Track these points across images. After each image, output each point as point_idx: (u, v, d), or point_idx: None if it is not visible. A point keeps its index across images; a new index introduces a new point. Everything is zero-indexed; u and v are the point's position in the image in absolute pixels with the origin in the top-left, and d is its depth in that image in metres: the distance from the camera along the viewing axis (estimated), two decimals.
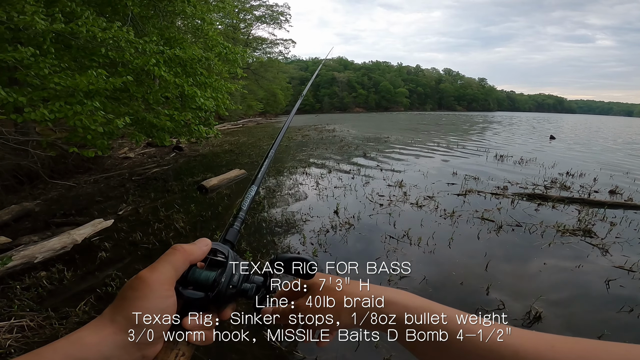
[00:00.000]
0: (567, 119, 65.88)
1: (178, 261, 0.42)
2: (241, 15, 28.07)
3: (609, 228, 4.54)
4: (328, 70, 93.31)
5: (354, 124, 28.21)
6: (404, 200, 5.62)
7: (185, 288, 0.42)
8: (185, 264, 0.43)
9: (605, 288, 3.18)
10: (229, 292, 0.44)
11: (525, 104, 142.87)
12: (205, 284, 0.43)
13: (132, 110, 5.26)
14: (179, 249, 0.43)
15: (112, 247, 3.90)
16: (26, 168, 6.02)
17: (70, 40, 4.03)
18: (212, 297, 0.43)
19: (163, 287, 0.39)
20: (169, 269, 0.40)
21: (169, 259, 0.41)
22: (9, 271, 3.22)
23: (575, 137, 20.11)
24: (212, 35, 6.35)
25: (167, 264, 0.41)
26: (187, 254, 0.43)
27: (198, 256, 0.44)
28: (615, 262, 3.65)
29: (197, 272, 0.44)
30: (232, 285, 0.44)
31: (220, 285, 0.43)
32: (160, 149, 11.67)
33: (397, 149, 12.03)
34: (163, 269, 0.40)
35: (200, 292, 0.43)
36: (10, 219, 4.71)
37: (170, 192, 6.26)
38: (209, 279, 0.43)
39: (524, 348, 0.35)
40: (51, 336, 2.44)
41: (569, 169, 8.23)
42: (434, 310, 0.41)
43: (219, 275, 0.44)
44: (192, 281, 0.43)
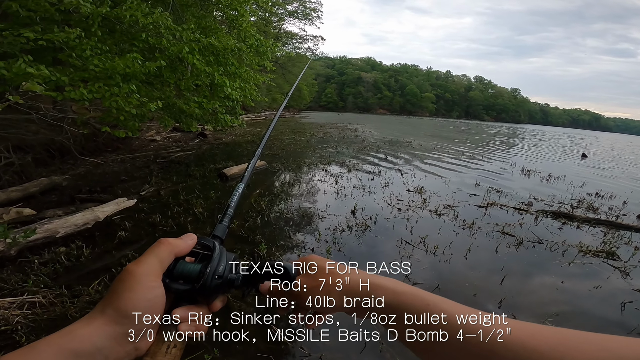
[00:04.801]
0: (602, 137, 62.92)
1: (163, 253, 0.43)
2: (274, 9, 28.28)
3: (632, 252, 4.40)
4: (355, 70, 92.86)
5: (377, 126, 27.97)
6: (423, 207, 5.54)
7: (173, 281, 0.43)
8: (171, 256, 0.44)
9: (620, 310, 3.13)
10: (215, 283, 0.44)
11: (559, 119, 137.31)
12: (191, 276, 0.44)
13: (164, 95, 5.42)
14: (164, 242, 0.44)
15: (132, 227, 3.97)
16: (59, 143, 6.28)
17: (115, 24, 4.19)
18: (198, 287, 0.43)
19: (149, 278, 0.40)
20: (154, 261, 0.42)
21: (154, 251, 0.43)
22: (30, 244, 3.19)
23: (609, 157, 19.17)
24: (246, 27, 6.44)
25: (152, 257, 0.42)
26: (172, 247, 0.44)
27: (183, 249, 0.46)
28: (635, 285, 3.57)
29: (184, 265, 0.45)
30: (217, 276, 0.45)
31: (206, 276, 0.44)
32: (186, 134, 11.97)
33: (419, 155, 11.85)
34: (148, 261, 0.41)
35: (187, 285, 0.43)
36: (38, 191, 4.80)
37: (192, 176, 6.41)
38: (195, 271, 0.44)
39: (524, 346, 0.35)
40: (60, 314, 2.42)
41: (599, 190, 7.86)
42: (424, 299, 0.42)
43: (204, 267, 0.44)
44: (178, 274, 0.44)
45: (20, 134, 5.42)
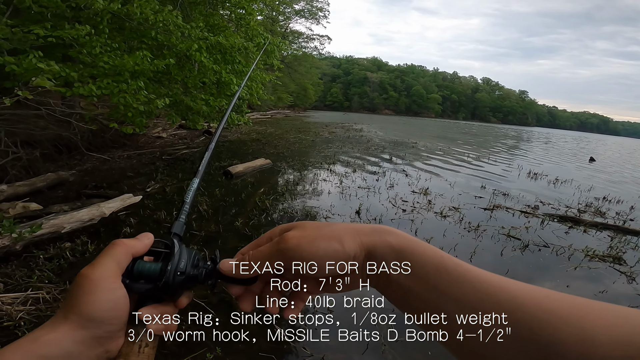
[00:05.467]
0: (610, 140, 62.16)
1: (119, 254, 0.41)
2: (281, 7, 28.32)
3: (639, 257, 4.38)
4: (361, 70, 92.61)
5: (382, 126, 27.89)
6: (428, 209, 5.52)
7: (133, 281, 0.42)
8: (128, 256, 0.43)
9: None
10: (178, 280, 0.44)
11: (567, 122, 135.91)
12: (152, 275, 0.43)
13: (172, 93, 5.46)
14: (119, 243, 0.43)
15: (137, 223, 3.98)
16: (66, 139, 6.33)
17: (125, 21, 4.22)
18: (161, 286, 0.42)
19: (108, 280, 0.39)
20: (110, 262, 0.40)
21: (108, 253, 0.41)
22: (36, 240, 3.16)
23: (617, 161, 18.94)
24: (254, 25, 6.46)
25: (108, 258, 0.41)
26: (127, 247, 0.43)
27: (140, 249, 0.44)
28: None
29: (143, 265, 0.44)
30: (179, 272, 0.44)
31: (168, 273, 0.43)
32: (192, 131, 12.01)
33: (425, 156, 11.79)
34: (104, 262, 0.40)
35: (149, 284, 0.43)
36: (45, 187, 4.82)
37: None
38: (156, 269, 0.44)
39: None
40: None
41: (607, 194, 7.76)
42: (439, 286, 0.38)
43: (164, 265, 0.44)
44: (138, 274, 0.43)
45: (28, 129, 5.48)
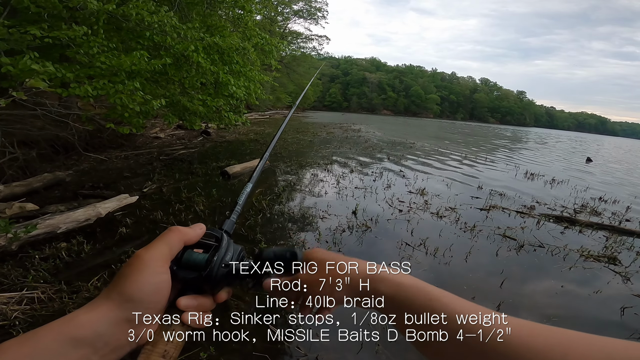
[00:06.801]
0: (607, 141, 62.37)
1: (173, 240, 0.43)
2: (279, 8, 28.32)
3: (634, 257, 4.41)
4: (359, 70, 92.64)
5: (380, 126, 27.92)
6: (425, 209, 5.54)
7: (180, 269, 0.44)
8: (180, 243, 0.44)
9: (620, 315, 3.15)
10: (222, 272, 0.45)
11: (565, 122, 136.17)
12: (199, 264, 0.45)
13: (169, 93, 5.46)
14: (175, 230, 0.45)
15: (133, 223, 3.97)
16: (64, 139, 6.31)
17: (122, 22, 4.22)
18: (205, 275, 0.44)
19: (157, 263, 0.41)
20: (164, 247, 0.42)
21: (164, 238, 0.43)
22: (32, 240, 3.18)
23: (614, 161, 19.01)
24: (251, 25, 6.47)
25: (162, 242, 0.43)
26: (181, 234, 0.45)
27: (192, 237, 0.46)
28: (635, 290, 3.59)
29: (192, 254, 0.45)
30: (224, 264, 0.45)
31: (213, 263, 0.44)
32: (189, 131, 12.01)
33: (422, 157, 11.82)
34: (158, 246, 0.42)
35: (194, 273, 0.44)
36: (41, 187, 4.82)
37: (194, 174, 6.44)
38: (203, 259, 0.45)
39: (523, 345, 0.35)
40: (59, 310, 2.42)
41: (602, 195, 7.81)
42: (428, 293, 0.42)
43: (211, 255, 0.45)
44: (186, 263, 0.44)
45: (25, 129, 5.47)
